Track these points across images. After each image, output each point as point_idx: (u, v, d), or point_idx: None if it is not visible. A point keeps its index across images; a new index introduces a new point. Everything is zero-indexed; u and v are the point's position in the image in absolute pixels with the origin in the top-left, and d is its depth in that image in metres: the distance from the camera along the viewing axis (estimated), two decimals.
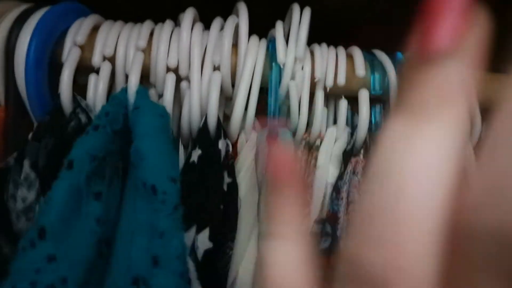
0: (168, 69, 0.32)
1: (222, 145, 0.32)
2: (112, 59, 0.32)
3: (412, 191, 0.12)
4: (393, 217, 0.12)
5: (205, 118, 0.32)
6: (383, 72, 0.36)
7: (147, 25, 0.34)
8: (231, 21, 0.34)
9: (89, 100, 0.32)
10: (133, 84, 0.31)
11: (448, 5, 0.12)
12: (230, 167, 0.32)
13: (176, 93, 0.33)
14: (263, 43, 0.34)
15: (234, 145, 0.35)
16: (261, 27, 0.35)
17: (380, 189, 0.12)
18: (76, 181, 0.25)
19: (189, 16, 0.33)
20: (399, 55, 0.38)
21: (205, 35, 0.34)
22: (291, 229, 0.16)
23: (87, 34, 0.32)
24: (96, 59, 0.32)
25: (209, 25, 0.35)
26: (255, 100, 0.34)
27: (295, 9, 0.35)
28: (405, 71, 0.13)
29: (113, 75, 0.33)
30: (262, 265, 0.16)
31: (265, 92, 0.34)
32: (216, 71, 0.33)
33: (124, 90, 0.30)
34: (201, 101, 0.32)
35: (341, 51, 0.36)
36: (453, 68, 0.13)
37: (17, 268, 0.23)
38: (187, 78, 0.33)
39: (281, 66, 0.33)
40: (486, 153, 0.12)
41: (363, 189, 0.13)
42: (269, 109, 0.33)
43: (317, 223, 0.32)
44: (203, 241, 0.29)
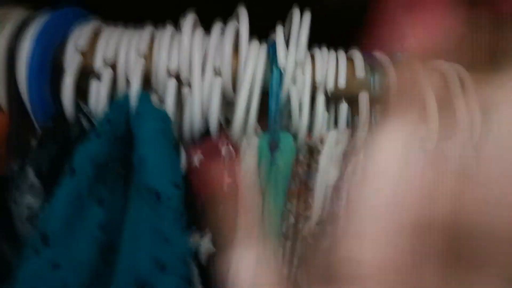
0: (169, 74, 0.33)
1: (224, 150, 0.32)
2: (113, 65, 0.32)
3: (369, 190, 0.13)
4: (357, 215, 0.13)
5: (206, 123, 0.32)
6: (383, 73, 0.36)
7: (148, 30, 0.34)
8: (231, 26, 0.34)
9: (91, 105, 0.32)
10: (135, 90, 0.31)
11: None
12: (230, 169, 0.32)
13: (177, 97, 0.33)
14: (263, 47, 0.35)
15: (236, 150, 0.35)
16: (261, 27, 0.36)
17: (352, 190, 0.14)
18: (78, 187, 0.26)
19: (189, 21, 0.33)
20: (399, 55, 0.38)
21: (206, 40, 0.34)
22: (244, 238, 0.17)
23: (89, 40, 0.33)
24: (97, 65, 0.32)
25: (209, 26, 0.35)
26: (256, 104, 0.34)
27: (295, 13, 0.35)
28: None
29: (115, 80, 0.33)
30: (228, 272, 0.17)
31: (266, 95, 0.35)
32: (217, 76, 0.33)
33: (125, 96, 0.31)
34: (202, 105, 0.33)
35: (341, 54, 0.36)
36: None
37: (22, 275, 0.23)
38: (189, 83, 0.33)
39: (282, 70, 0.33)
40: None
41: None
42: (270, 112, 0.33)
43: (317, 224, 0.32)
44: (206, 246, 0.29)
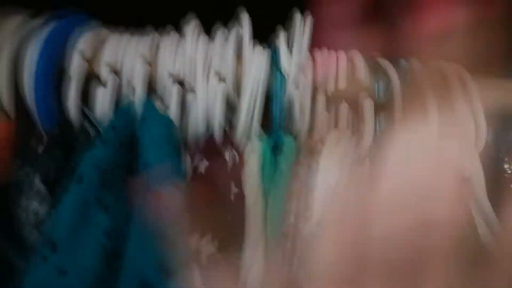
0: (173, 80, 0.33)
1: (228, 155, 0.32)
2: (118, 71, 0.33)
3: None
4: None
5: (210, 128, 0.32)
6: (387, 79, 0.36)
7: (152, 37, 0.34)
8: (234, 32, 0.34)
9: (96, 112, 0.32)
10: (139, 96, 0.31)
11: None
12: (237, 178, 0.32)
13: (181, 103, 0.33)
14: (265, 52, 0.35)
15: (239, 154, 0.35)
16: (262, 29, 0.36)
17: None
18: (84, 194, 0.26)
19: (193, 27, 0.34)
20: (402, 62, 0.38)
21: (209, 45, 0.34)
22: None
23: (94, 47, 0.33)
24: (102, 72, 0.32)
25: (210, 30, 0.35)
26: (259, 108, 0.34)
27: (297, 17, 0.35)
28: None
29: (120, 86, 0.33)
30: None
31: (269, 99, 0.35)
32: (220, 82, 0.33)
33: (130, 102, 0.31)
34: (206, 111, 0.33)
35: (342, 56, 0.36)
36: None
37: (29, 281, 0.24)
38: (192, 88, 0.33)
39: (285, 75, 0.34)
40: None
41: None
42: (273, 117, 0.34)
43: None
44: (206, 246, 0.29)
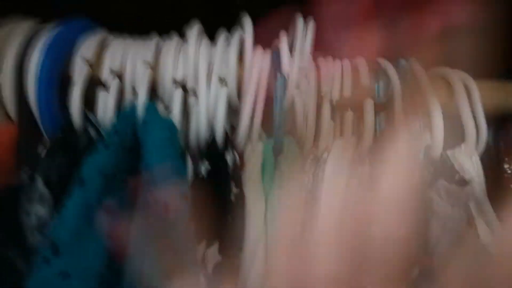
0: (175, 83, 0.33)
1: (229, 157, 0.32)
2: (120, 75, 0.33)
3: None
4: None
5: (212, 132, 0.33)
6: (387, 80, 0.36)
7: (154, 41, 0.34)
8: (236, 35, 0.34)
9: (99, 115, 0.32)
10: (141, 99, 0.31)
11: None
12: (237, 178, 0.32)
13: (183, 106, 0.34)
14: (267, 55, 0.35)
15: (240, 156, 0.35)
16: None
17: None
18: (87, 198, 0.26)
19: (195, 30, 0.34)
20: (402, 62, 0.38)
21: (211, 49, 0.34)
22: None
23: (96, 50, 0.33)
24: (105, 75, 0.33)
25: (212, 35, 0.35)
26: (260, 111, 0.34)
27: (299, 20, 0.36)
28: None
29: (122, 90, 0.33)
30: None
31: (270, 101, 0.35)
32: (222, 85, 0.33)
33: (132, 106, 0.31)
34: (208, 114, 0.33)
35: (346, 63, 0.36)
36: None
37: (32, 284, 0.24)
38: (194, 92, 0.33)
39: (286, 77, 0.34)
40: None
41: None
42: (274, 119, 0.34)
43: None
44: (213, 255, 0.29)
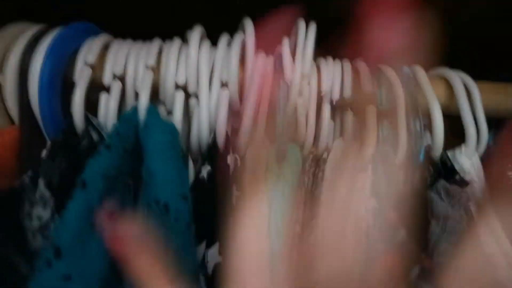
0: (177, 86, 0.33)
1: (230, 160, 0.32)
2: (122, 78, 0.33)
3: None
4: None
5: (214, 134, 0.33)
6: (390, 86, 0.36)
7: (156, 44, 0.34)
8: (238, 38, 0.34)
9: (101, 118, 0.32)
10: (143, 103, 0.31)
11: None
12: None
13: (185, 109, 0.34)
14: (270, 59, 0.35)
15: (242, 159, 0.35)
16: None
17: None
18: (89, 200, 0.26)
19: (196, 33, 0.34)
20: (405, 68, 0.38)
21: (213, 52, 0.34)
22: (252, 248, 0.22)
23: (98, 53, 0.33)
24: (106, 78, 0.33)
25: (215, 40, 0.36)
26: (263, 114, 0.34)
27: (301, 25, 0.36)
28: None
29: (124, 93, 0.34)
30: None
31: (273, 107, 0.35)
32: (224, 88, 0.33)
33: (134, 109, 0.31)
34: (209, 117, 0.33)
35: (347, 65, 0.36)
36: None
37: (34, 287, 0.24)
38: (196, 94, 0.33)
39: (288, 83, 0.34)
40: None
41: None
42: (277, 126, 0.34)
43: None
44: (213, 255, 0.29)
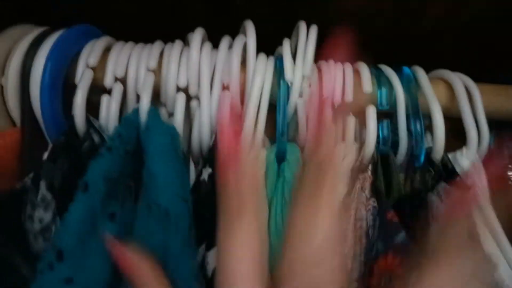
0: (178, 89, 0.33)
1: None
2: (123, 80, 0.33)
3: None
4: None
5: (215, 137, 0.33)
6: (390, 87, 0.36)
7: (157, 46, 0.34)
8: (239, 40, 0.34)
9: (102, 120, 0.32)
10: (145, 105, 0.31)
11: None
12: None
13: (186, 111, 0.34)
14: (271, 61, 0.35)
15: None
16: (269, 40, 0.36)
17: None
18: (91, 203, 0.26)
19: (198, 36, 0.34)
20: (406, 69, 0.38)
21: (214, 54, 0.34)
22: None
23: (99, 56, 0.33)
24: (108, 80, 0.33)
25: (215, 40, 0.36)
26: (263, 117, 0.34)
27: (302, 26, 0.35)
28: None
29: (125, 95, 0.34)
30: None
31: (273, 108, 0.35)
32: (225, 90, 0.33)
33: (135, 111, 0.31)
34: (211, 119, 0.33)
35: (348, 67, 0.36)
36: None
37: None
38: (197, 97, 0.33)
39: (289, 84, 0.34)
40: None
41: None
42: (277, 126, 0.34)
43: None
44: (213, 258, 0.29)
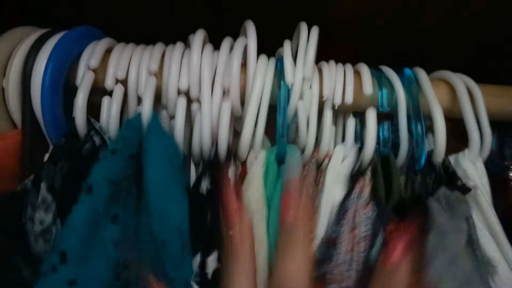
0: (179, 92, 0.33)
1: (232, 172, 0.32)
2: (124, 82, 0.33)
3: None
4: None
5: (215, 148, 0.33)
6: (391, 88, 0.36)
7: (158, 48, 0.34)
8: (240, 43, 0.34)
9: (103, 122, 0.32)
10: (147, 108, 0.31)
11: None
12: (238, 191, 0.32)
13: (187, 113, 0.34)
14: (271, 63, 0.35)
15: (243, 163, 0.35)
16: (269, 40, 0.36)
17: None
18: (95, 205, 0.26)
19: (199, 38, 0.34)
20: (407, 70, 0.38)
21: (215, 56, 0.34)
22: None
23: (100, 58, 0.33)
24: (109, 82, 0.33)
25: (214, 40, 0.35)
26: (264, 119, 0.34)
27: (303, 28, 0.35)
28: None
29: (126, 97, 0.34)
30: None
31: (274, 109, 0.35)
32: (225, 99, 0.33)
33: (139, 115, 0.31)
34: (211, 123, 0.33)
35: (349, 68, 0.36)
36: None
37: None
38: (198, 100, 0.33)
39: (289, 86, 0.34)
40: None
41: None
42: (277, 128, 0.34)
43: (319, 246, 0.32)
44: (212, 262, 0.29)
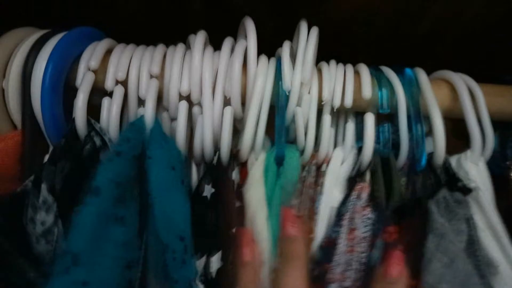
0: (180, 95, 0.33)
1: (235, 175, 0.33)
2: (124, 83, 0.33)
3: None
4: None
5: (218, 155, 0.33)
6: (391, 89, 0.35)
7: (159, 50, 0.34)
8: (240, 45, 0.34)
9: (103, 123, 0.32)
10: (150, 112, 0.31)
11: None
12: (240, 193, 0.33)
13: (188, 115, 0.34)
14: (272, 64, 0.34)
15: (244, 164, 0.35)
16: (268, 40, 0.36)
17: None
18: (104, 207, 0.26)
19: (199, 41, 0.34)
20: (408, 71, 0.37)
21: (216, 57, 0.34)
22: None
23: (100, 58, 0.33)
24: (109, 83, 0.33)
25: (214, 40, 0.35)
26: (264, 120, 0.34)
27: (303, 28, 0.35)
28: None
29: (126, 98, 0.33)
30: None
31: (275, 110, 0.35)
32: (227, 95, 0.33)
33: (142, 117, 0.31)
34: (213, 126, 0.33)
35: (349, 69, 0.36)
36: None
37: None
38: (199, 103, 0.33)
39: (287, 93, 0.33)
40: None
41: None
42: (276, 132, 0.33)
43: (317, 250, 0.32)
44: (216, 262, 0.30)
